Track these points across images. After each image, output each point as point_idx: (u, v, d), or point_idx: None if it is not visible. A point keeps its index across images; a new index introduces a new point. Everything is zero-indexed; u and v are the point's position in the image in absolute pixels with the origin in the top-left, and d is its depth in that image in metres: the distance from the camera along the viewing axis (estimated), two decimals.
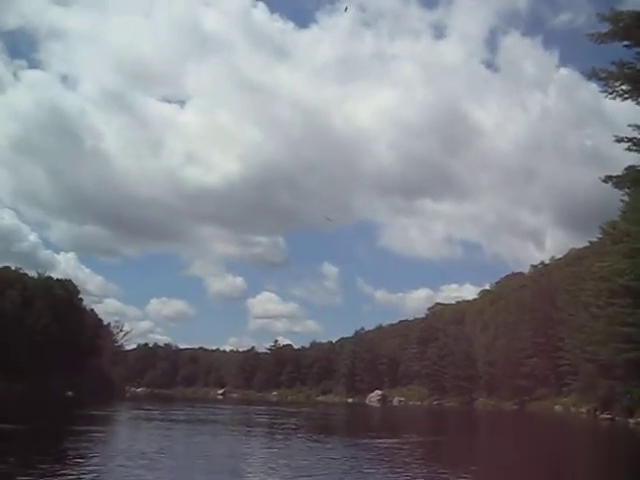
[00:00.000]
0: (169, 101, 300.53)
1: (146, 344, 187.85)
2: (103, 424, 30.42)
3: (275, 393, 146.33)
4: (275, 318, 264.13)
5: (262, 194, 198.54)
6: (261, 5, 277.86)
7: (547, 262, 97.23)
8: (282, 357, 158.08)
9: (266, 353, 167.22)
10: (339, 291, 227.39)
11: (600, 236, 63.28)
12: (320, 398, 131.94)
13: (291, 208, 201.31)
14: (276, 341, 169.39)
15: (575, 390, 69.73)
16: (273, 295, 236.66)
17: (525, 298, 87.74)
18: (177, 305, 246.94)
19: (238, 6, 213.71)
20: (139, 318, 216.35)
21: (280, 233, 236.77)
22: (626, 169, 20.90)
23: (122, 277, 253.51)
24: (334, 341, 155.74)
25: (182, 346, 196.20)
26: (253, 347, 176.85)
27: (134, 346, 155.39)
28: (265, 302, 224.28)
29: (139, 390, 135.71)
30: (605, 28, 19.06)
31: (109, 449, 19.06)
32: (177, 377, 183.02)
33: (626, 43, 19.32)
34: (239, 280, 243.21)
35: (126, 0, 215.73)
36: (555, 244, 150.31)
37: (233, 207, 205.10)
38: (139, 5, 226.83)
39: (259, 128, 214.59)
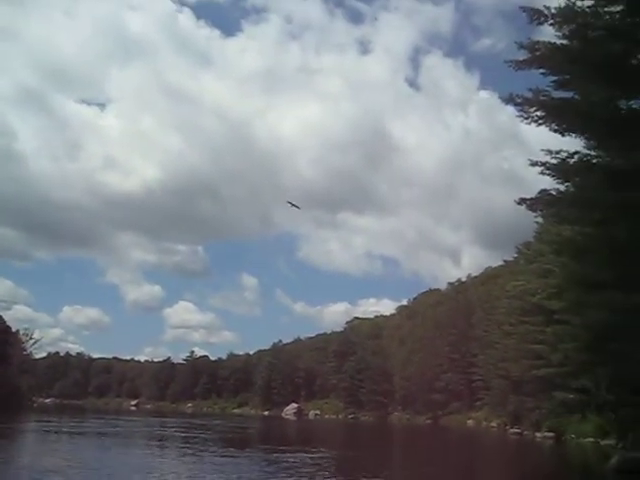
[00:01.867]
0: (89, 103, 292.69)
1: (57, 353, 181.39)
2: None
3: (190, 405, 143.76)
4: (192, 328, 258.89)
5: (183, 202, 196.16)
6: (187, 11, 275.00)
7: (464, 279, 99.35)
8: (198, 368, 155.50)
9: (182, 364, 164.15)
10: (258, 302, 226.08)
11: (515, 255, 65.23)
12: (236, 410, 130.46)
13: (212, 217, 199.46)
14: (192, 352, 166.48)
15: (487, 405, 71.35)
16: (191, 305, 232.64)
17: (441, 314, 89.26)
18: (91, 313, 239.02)
19: (163, 11, 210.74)
20: (50, 325, 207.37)
21: (200, 242, 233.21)
22: (539, 192, 21.42)
23: (34, 283, 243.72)
24: (251, 353, 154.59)
25: (95, 355, 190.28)
26: (169, 357, 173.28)
27: (44, 354, 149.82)
28: (182, 312, 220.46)
29: (47, 401, 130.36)
30: (523, 56, 19.48)
31: None
32: (89, 387, 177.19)
33: (542, 71, 19.83)
34: (156, 289, 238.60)
35: None
36: (472, 262, 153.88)
37: (152, 214, 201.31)
38: (60, 2, 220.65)
39: (181, 135, 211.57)
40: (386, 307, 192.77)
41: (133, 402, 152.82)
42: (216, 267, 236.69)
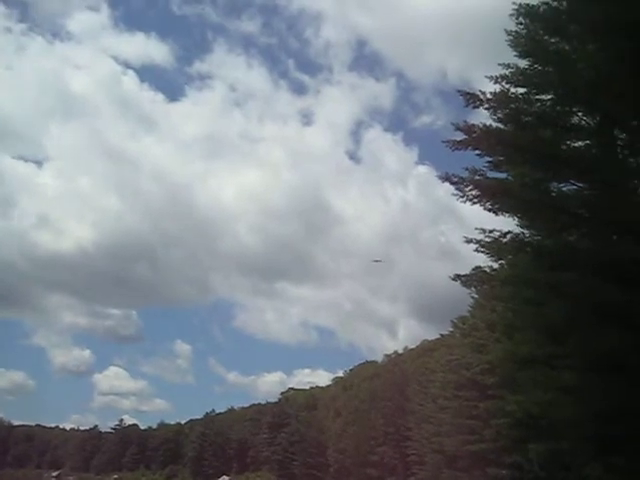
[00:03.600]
0: (26, 160, 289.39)
1: None
2: None
3: (116, 476, 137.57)
4: (122, 395, 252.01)
5: (118, 265, 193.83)
6: (131, 73, 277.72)
7: (400, 352, 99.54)
8: (127, 437, 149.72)
9: (110, 433, 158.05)
10: (191, 370, 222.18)
11: (451, 329, 65.91)
12: None
13: (148, 282, 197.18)
14: (121, 420, 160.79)
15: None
16: (121, 371, 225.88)
17: (377, 387, 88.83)
18: (15, 377, 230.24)
19: (107, 72, 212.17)
20: None
21: (134, 306, 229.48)
22: (473, 269, 21.91)
23: None
24: (183, 422, 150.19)
25: (17, 422, 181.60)
26: (96, 426, 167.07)
27: None
28: (113, 378, 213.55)
29: None
30: (460, 136, 20.20)
31: None
32: (7, 457, 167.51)
33: (478, 152, 20.56)
34: (86, 353, 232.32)
35: None
36: (408, 334, 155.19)
37: (86, 276, 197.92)
38: (2, 57, 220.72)
39: (120, 197, 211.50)
40: (321, 378, 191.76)
41: (54, 473, 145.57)
42: (150, 333, 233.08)
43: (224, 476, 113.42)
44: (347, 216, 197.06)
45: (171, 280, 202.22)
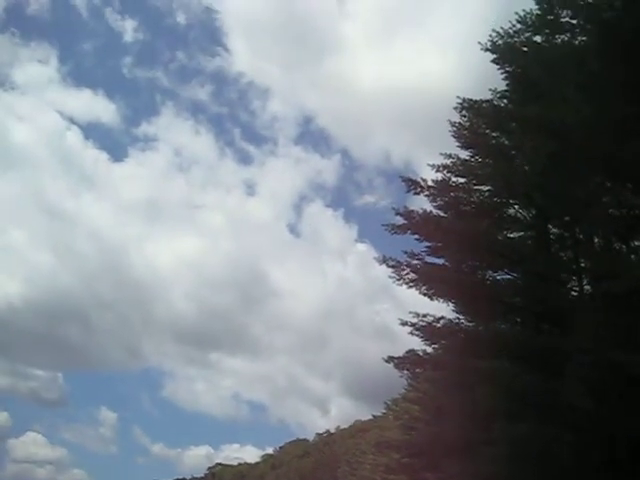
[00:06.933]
0: None
1: None
2: None
3: None
4: (38, 464, 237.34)
5: (47, 324, 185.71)
6: (76, 129, 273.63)
7: (332, 431, 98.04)
8: None
9: None
10: (115, 440, 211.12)
11: (384, 411, 65.48)
12: None
13: (77, 344, 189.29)
14: None
15: None
16: (40, 437, 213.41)
17: (307, 466, 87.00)
18: None
19: (51, 126, 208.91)
20: None
21: (61, 369, 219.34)
22: (407, 352, 22.04)
23: None
24: None
25: None
26: None
27: None
28: (30, 444, 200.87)
29: None
30: (399, 221, 20.76)
31: None
32: None
33: (416, 237, 21.04)
34: (3, 416, 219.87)
35: None
36: (341, 413, 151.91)
37: (11, 333, 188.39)
38: None
39: (53, 254, 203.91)
40: (250, 454, 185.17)
41: None
42: (74, 397, 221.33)
43: None
44: (284, 289, 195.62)
45: (101, 344, 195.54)
